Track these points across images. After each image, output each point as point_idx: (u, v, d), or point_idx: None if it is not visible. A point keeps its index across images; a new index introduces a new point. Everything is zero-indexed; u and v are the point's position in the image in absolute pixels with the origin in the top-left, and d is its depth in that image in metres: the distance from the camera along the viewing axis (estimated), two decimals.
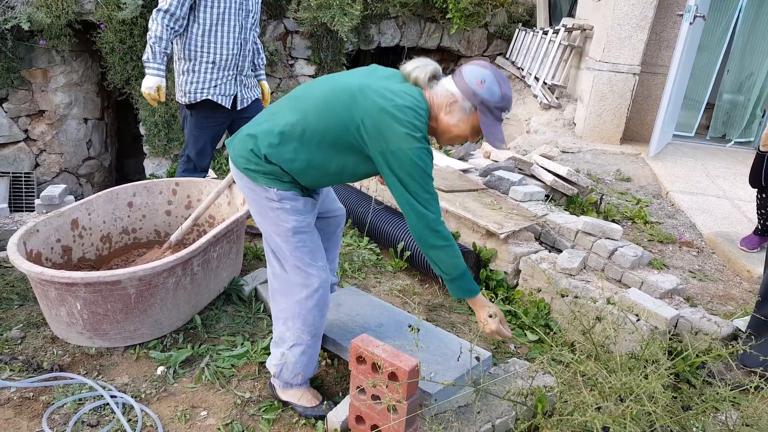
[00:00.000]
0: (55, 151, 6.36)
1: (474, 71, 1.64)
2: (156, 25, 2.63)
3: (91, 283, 1.92)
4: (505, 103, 1.65)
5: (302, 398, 1.89)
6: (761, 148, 3.03)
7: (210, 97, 2.84)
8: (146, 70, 2.71)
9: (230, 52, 2.82)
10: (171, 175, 6.16)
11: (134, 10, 5.56)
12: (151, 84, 2.70)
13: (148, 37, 2.64)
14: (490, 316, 1.73)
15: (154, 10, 2.64)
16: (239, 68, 2.90)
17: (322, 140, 1.64)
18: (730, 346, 1.53)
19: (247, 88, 2.99)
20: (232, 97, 2.91)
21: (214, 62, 2.78)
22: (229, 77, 2.85)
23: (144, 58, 2.70)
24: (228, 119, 2.98)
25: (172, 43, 2.73)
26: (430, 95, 1.66)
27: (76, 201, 2.75)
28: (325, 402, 1.90)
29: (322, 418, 1.84)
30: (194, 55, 2.78)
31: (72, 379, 1.93)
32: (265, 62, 3.17)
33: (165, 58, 2.70)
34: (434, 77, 1.68)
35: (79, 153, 6.58)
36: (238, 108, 2.97)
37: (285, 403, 1.92)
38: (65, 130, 6.36)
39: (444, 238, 1.66)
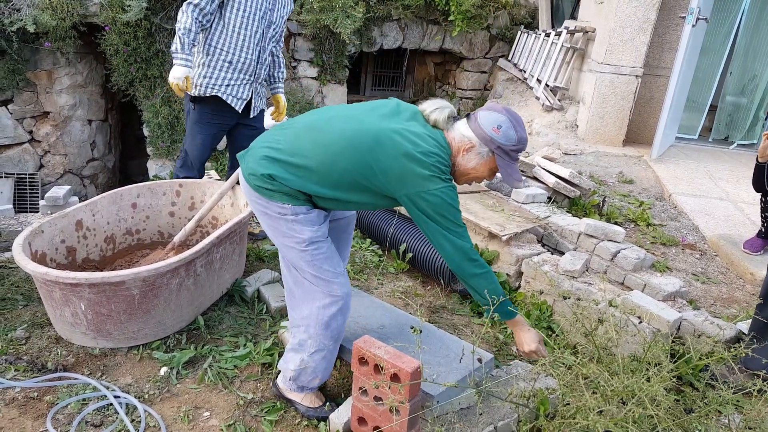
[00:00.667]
0: (60, 152, 6.39)
1: (490, 117, 1.68)
2: (186, 17, 2.67)
3: (96, 283, 1.93)
4: (521, 146, 1.69)
5: (305, 398, 1.90)
6: (759, 159, 3.05)
7: (219, 95, 2.84)
8: (175, 61, 2.73)
9: (248, 56, 2.85)
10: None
11: (138, 13, 5.59)
12: (179, 74, 2.72)
13: (177, 28, 2.67)
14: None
15: (185, 3, 2.68)
16: (255, 75, 2.93)
17: (344, 178, 1.66)
18: (732, 349, 1.53)
19: (259, 96, 3.03)
20: (245, 101, 2.93)
21: (230, 62, 2.81)
22: (243, 81, 2.87)
23: (172, 48, 2.73)
24: (233, 121, 2.99)
25: (198, 35, 2.77)
26: (451, 137, 1.70)
27: (80, 202, 2.76)
28: (327, 403, 1.91)
29: (325, 419, 1.85)
30: (213, 50, 2.80)
31: (76, 379, 1.94)
32: (284, 76, 3.21)
33: (192, 49, 2.74)
34: (452, 118, 1.72)
35: (83, 154, 6.60)
36: (251, 116, 3.01)
37: (288, 402, 1.92)
38: (69, 131, 6.39)
39: (481, 266, 1.71)
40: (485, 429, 1.68)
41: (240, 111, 2.92)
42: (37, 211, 4.65)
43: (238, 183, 2.85)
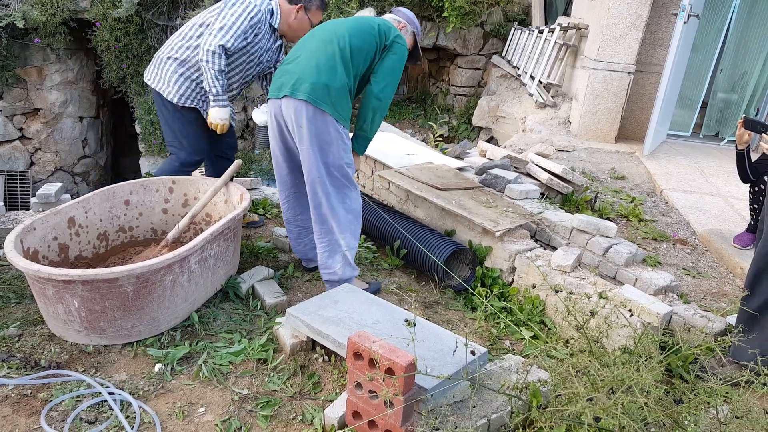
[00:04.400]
0: (51, 149, 6.34)
1: (406, 11, 2.70)
2: (220, 60, 2.67)
3: (89, 280, 1.92)
4: (421, 34, 2.77)
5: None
6: (738, 147, 3.12)
7: (199, 108, 2.96)
8: (217, 104, 2.78)
9: (239, 82, 2.96)
10: None
11: (130, 8, 5.55)
12: (224, 116, 2.82)
13: (208, 69, 2.66)
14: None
15: (215, 43, 2.64)
16: (237, 95, 3.07)
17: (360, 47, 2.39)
18: (721, 341, 1.56)
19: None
20: None
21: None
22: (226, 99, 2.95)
23: (213, 92, 2.75)
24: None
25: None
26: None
27: (72, 200, 2.75)
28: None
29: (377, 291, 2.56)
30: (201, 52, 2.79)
31: (70, 376, 1.94)
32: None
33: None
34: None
35: (75, 151, 6.56)
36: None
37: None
38: (60, 128, 6.34)
39: (386, 110, 2.45)
40: (479, 422, 1.70)
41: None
42: (29, 209, 4.61)
43: (231, 179, 2.85)
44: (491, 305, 2.72)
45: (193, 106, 2.92)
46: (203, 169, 3.91)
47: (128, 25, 5.79)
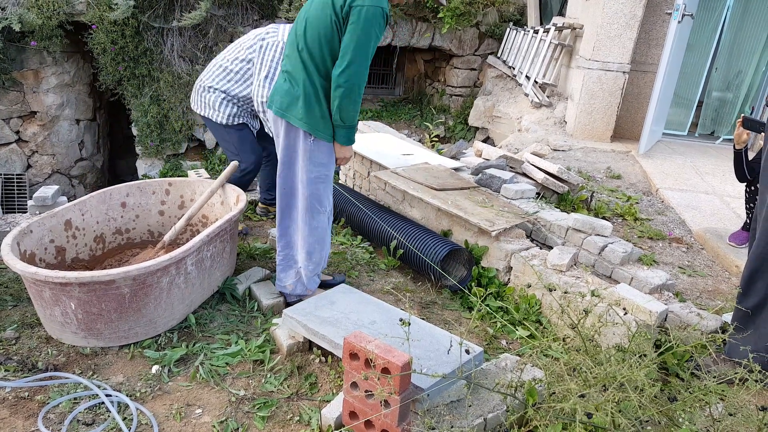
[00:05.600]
0: (47, 152, 6.34)
1: None
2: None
3: (86, 282, 1.93)
4: None
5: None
6: (736, 146, 3.14)
7: (246, 122, 3.17)
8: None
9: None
10: (164, 175, 6.15)
11: (126, 11, 5.55)
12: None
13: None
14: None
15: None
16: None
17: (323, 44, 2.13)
18: (712, 339, 1.57)
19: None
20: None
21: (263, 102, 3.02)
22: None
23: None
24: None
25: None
26: None
27: (68, 202, 2.75)
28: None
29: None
30: (256, 104, 3.01)
31: (67, 378, 1.94)
32: None
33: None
34: None
35: (72, 154, 6.55)
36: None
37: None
38: (57, 131, 6.33)
39: (360, 96, 2.14)
40: (475, 421, 1.71)
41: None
42: (26, 212, 4.62)
43: (228, 181, 2.85)
44: (487, 305, 2.73)
45: (241, 122, 3.11)
46: (201, 171, 3.92)
47: (124, 28, 5.78)
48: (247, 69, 2.98)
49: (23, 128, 6.18)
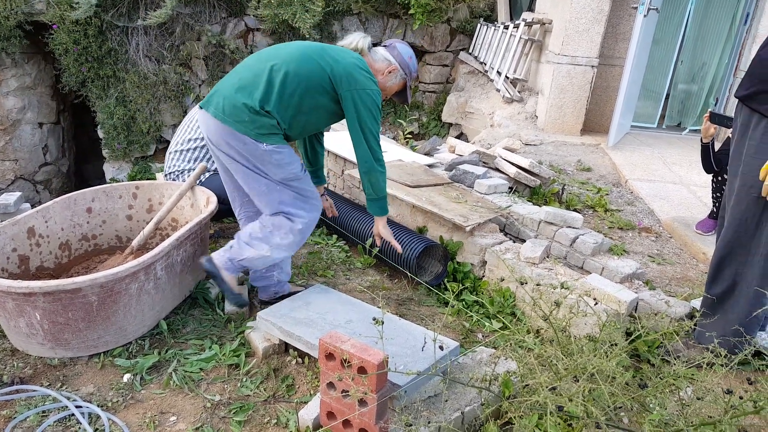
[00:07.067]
0: (9, 157, 6.13)
1: (404, 48, 2.20)
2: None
3: (50, 292, 1.87)
4: (416, 75, 2.27)
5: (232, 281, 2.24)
6: (703, 140, 3.25)
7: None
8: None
9: None
10: (132, 178, 6.02)
11: (87, 10, 5.40)
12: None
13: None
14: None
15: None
16: None
17: (302, 82, 1.97)
18: (684, 325, 1.60)
19: None
20: None
21: None
22: None
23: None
24: None
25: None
26: (371, 60, 2.15)
27: (32, 209, 2.66)
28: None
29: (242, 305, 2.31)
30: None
31: (35, 391, 1.88)
32: None
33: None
34: (372, 45, 2.18)
35: (35, 159, 6.35)
36: None
37: (219, 280, 2.21)
38: (19, 135, 6.13)
39: (384, 166, 2.14)
40: (453, 415, 1.72)
41: None
42: None
43: (198, 183, 2.80)
44: (463, 300, 2.74)
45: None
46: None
47: (87, 27, 5.63)
48: (201, 146, 3.17)
49: None
